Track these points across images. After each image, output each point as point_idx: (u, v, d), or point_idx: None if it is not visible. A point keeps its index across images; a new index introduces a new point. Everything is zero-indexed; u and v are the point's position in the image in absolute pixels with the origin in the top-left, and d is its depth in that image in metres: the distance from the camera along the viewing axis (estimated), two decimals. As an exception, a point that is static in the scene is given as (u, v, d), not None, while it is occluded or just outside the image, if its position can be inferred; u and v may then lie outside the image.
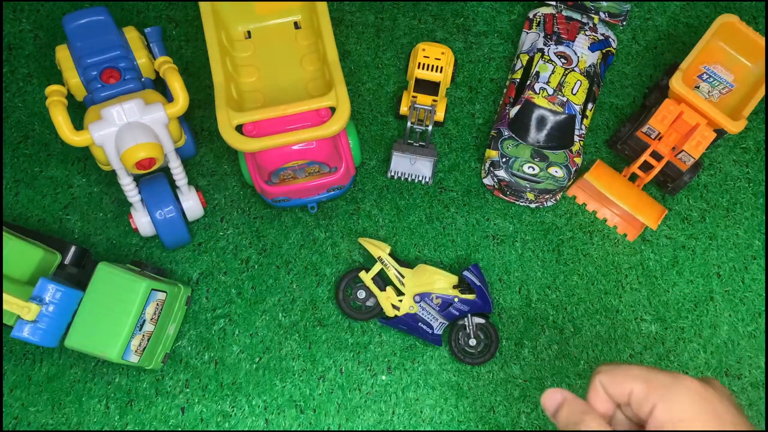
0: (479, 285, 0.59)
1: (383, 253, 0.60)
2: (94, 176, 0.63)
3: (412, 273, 0.60)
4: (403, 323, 0.60)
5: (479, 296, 0.59)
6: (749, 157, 0.67)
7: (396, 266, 0.60)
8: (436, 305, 0.59)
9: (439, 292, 0.59)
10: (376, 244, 0.60)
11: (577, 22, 0.65)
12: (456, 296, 0.59)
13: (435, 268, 0.60)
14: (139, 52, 0.60)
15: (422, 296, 0.59)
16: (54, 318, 0.52)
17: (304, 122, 0.54)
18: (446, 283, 0.60)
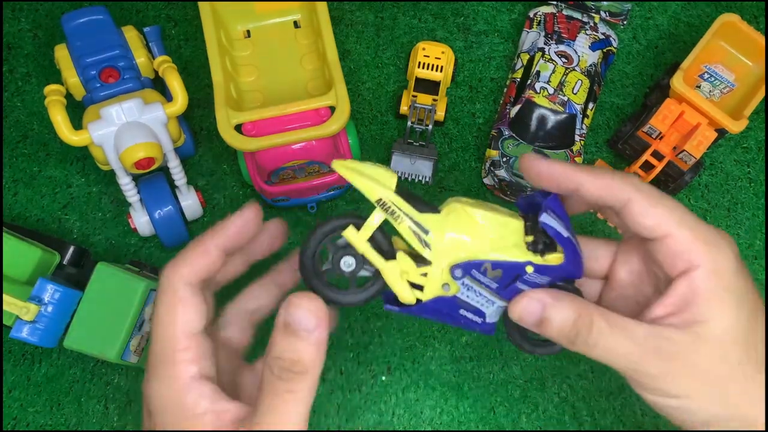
0: (567, 236, 0.36)
1: (387, 192, 0.36)
2: (93, 176, 0.63)
3: (441, 221, 0.36)
4: (431, 311, 0.38)
5: (569, 255, 0.36)
6: (750, 156, 0.66)
7: (412, 213, 0.36)
8: (492, 280, 0.36)
9: (499, 258, 0.36)
10: (369, 173, 0.36)
11: (577, 21, 0.65)
12: (529, 261, 0.36)
13: (483, 208, 0.37)
14: (138, 51, 0.60)
15: (465, 267, 0.36)
16: (53, 318, 0.52)
17: (304, 122, 0.54)
18: (508, 237, 0.36)
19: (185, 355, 0.35)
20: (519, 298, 0.36)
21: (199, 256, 0.36)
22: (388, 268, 0.37)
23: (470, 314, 0.38)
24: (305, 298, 0.34)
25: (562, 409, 0.59)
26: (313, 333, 0.34)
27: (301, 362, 0.34)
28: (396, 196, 0.36)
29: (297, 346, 0.33)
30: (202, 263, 0.36)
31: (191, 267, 0.36)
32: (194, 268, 0.36)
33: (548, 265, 0.36)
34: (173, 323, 0.35)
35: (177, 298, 0.35)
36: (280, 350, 0.34)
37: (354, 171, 0.36)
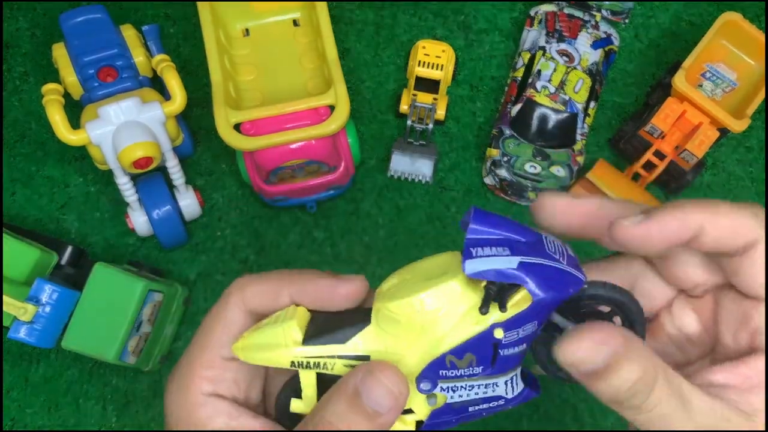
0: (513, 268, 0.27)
1: (293, 350, 0.30)
2: (91, 176, 0.63)
3: (377, 334, 0.30)
4: (442, 425, 0.31)
5: (536, 283, 0.27)
6: (752, 156, 0.66)
7: (336, 350, 0.30)
8: (471, 368, 0.29)
9: (456, 341, 0.28)
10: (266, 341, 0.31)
11: (579, 19, 0.64)
12: (493, 325, 0.28)
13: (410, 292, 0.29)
14: (137, 50, 0.60)
15: (427, 376, 0.29)
16: (50, 319, 0.52)
17: (303, 121, 0.53)
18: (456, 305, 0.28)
19: (204, 372, 0.32)
20: (574, 339, 0.26)
21: (267, 292, 0.33)
22: None
23: (485, 405, 0.30)
24: (391, 373, 0.28)
25: (563, 411, 0.59)
26: (383, 416, 0.28)
27: None
28: (306, 348, 0.30)
29: (357, 422, 0.28)
30: (266, 300, 0.33)
31: (254, 297, 0.33)
32: (257, 299, 0.33)
33: (519, 314, 0.28)
34: (208, 338, 0.33)
35: (221, 316, 0.33)
36: (336, 417, 0.28)
37: (250, 350, 0.31)
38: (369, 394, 0.28)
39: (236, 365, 0.33)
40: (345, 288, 0.32)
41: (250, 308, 0.33)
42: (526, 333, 0.28)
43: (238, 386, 0.33)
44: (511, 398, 0.30)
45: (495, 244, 0.28)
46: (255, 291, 0.33)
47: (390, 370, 0.28)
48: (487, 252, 0.28)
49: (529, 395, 0.31)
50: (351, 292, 0.32)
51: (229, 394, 0.33)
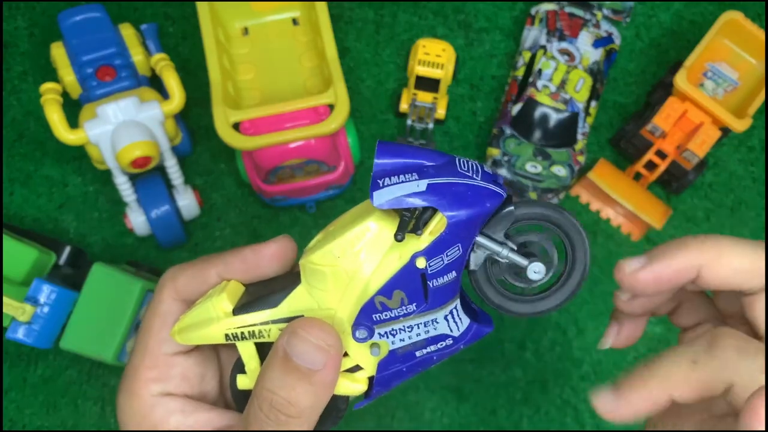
0: (426, 187, 0.26)
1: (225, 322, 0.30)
2: (89, 175, 0.63)
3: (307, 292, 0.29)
4: (392, 377, 0.30)
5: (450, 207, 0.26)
6: (754, 156, 0.66)
7: (268, 316, 0.30)
8: (403, 307, 0.28)
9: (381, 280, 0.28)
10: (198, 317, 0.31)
11: (579, 18, 0.64)
12: (414, 255, 0.27)
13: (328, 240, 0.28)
14: (135, 49, 0.60)
15: (360, 322, 0.28)
16: (49, 319, 0.52)
17: (302, 120, 0.53)
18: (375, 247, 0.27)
19: (149, 374, 0.32)
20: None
21: (196, 277, 0.33)
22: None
23: (433, 347, 0.29)
24: (315, 327, 0.27)
25: (564, 412, 0.59)
26: (319, 373, 0.28)
27: (295, 405, 0.28)
28: (237, 318, 0.29)
29: (295, 384, 0.28)
30: (196, 285, 0.33)
31: (184, 284, 0.33)
32: (187, 286, 0.33)
33: (438, 239, 0.26)
34: (147, 337, 0.33)
35: (159, 311, 0.33)
36: (273, 384, 0.28)
37: (186, 331, 0.31)
38: (297, 353, 0.27)
39: (181, 359, 0.33)
40: (269, 249, 0.32)
41: (183, 297, 0.33)
42: (452, 258, 0.27)
43: (189, 381, 0.33)
44: (458, 336, 0.29)
45: (402, 171, 0.27)
46: (184, 278, 0.33)
47: (313, 324, 0.28)
48: (394, 180, 0.26)
49: (480, 331, 0.30)
50: (276, 252, 0.32)
51: (179, 391, 0.33)
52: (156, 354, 0.32)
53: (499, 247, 0.28)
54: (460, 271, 0.28)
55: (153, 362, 0.32)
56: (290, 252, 0.32)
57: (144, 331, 0.33)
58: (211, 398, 0.35)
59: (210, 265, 0.33)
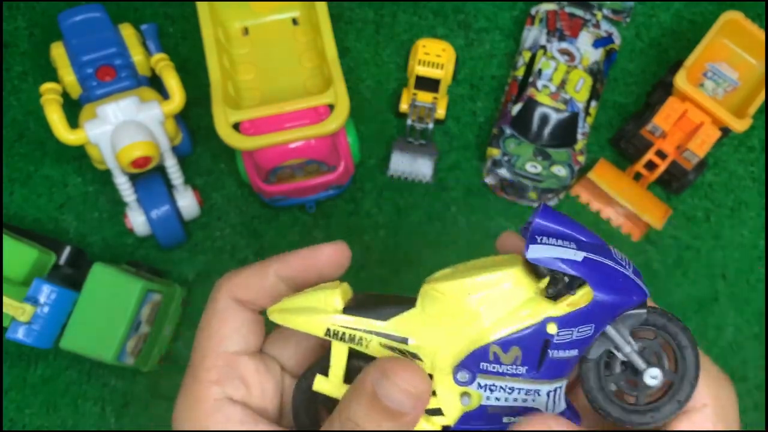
0: (581, 257, 0.27)
1: (332, 318, 0.29)
2: (89, 175, 0.63)
3: (419, 317, 0.28)
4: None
5: (597, 281, 0.27)
6: (754, 156, 0.66)
7: (374, 327, 0.29)
8: (514, 365, 0.27)
9: (504, 332, 0.27)
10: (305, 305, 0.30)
11: (579, 18, 0.64)
12: (547, 318, 0.27)
13: (462, 275, 0.28)
14: (135, 49, 0.60)
15: (468, 364, 0.27)
16: (49, 319, 0.52)
17: (303, 120, 0.53)
18: (512, 297, 0.27)
19: (209, 375, 0.31)
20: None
21: (254, 276, 0.33)
22: None
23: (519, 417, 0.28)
24: (407, 371, 0.27)
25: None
26: (407, 415, 0.27)
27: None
28: (345, 316, 0.29)
29: (381, 422, 0.27)
30: (255, 284, 0.32)
31: (241, 283, 0.32)
32: (244, 284, 0.32)
33: (577, 311, 0.26)
34: (206, 337, 0.32)
35: (217, 311, 0.32)
36: (359, 416, 0.27)
37: (287, 313, 0.30)
38: (385, 394, 0.27)
39: (244, 360, 0.32)
40: (326, 250, 0.33)
41: (240, 297, 0.33)
42: (581, 336, 0.27)
43: (249, 388, 0.32)
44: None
45: (561, 237, 0.27)
46: (240, 278, 0.33)
47: (406, 370, 0.27)
48: (552, 242, 0.27)
49: (571, 419, 0.28)
50: (332, 253, 0.33)
51: (239, 396, 0.31)
52: (216, 352, 0.31)
53: (624, 344, 0.28)
54: (581, 353, 0.27)
55: (213, 362, 0.31)
56: (346, 256, 0.34)
57: (202, 330, 0.33)
58: (271, 416, 0.33)
59: (267, 264, 0.33)
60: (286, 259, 0.33)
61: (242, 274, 0.33)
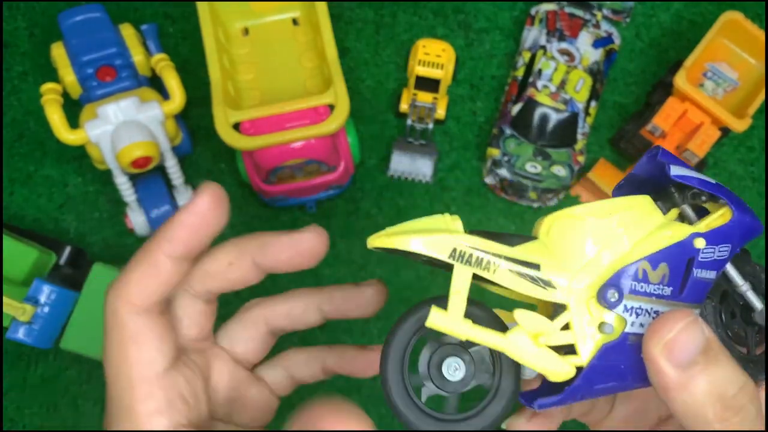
0: (714, 181, 0.27)
1: (459, 237, 0.26)
2: (89, 175, 0.63)
3: (545, 246, 0.26)
4: (606, 376, 0.26)
5: (738, 206, 0.27)
6: (754, 156, 0.66)
7: (505, 251, 0.26)
8: (661, 285, 0.26)
9: (654, 248, 0.26)
10: (422, 227, 0.27)
11: (579, 18, 0.64)
12: (695, 233, 0.26)
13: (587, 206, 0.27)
14: (135, 49, 0.60)
15: (617, 282, 0.25)
16: (49, 319, 0.52)
17: (303, 120, 0.53)
18: (644, 222, 0.27)
19: (148, 406, 0.27)
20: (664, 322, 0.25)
21: (147, 274, 0.28)
22: (513, 342, 0.25)
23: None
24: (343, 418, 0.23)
25: (564, 411, 0.59)
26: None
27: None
28: (473, 237, 0.26)
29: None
30: (152, 282, 0.28)
31: (139, 289, 0.28)
32: (143, 290, 0.28)
33: (719, 228, 0.26)
34: (127, 366, 0.27)
35: (127, 335, 0.27)
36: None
37: (397, 236, 0.26)
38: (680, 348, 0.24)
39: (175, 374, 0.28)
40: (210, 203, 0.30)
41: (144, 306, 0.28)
42: (721, 257, 0.26)
43: (186, 402, 0.28)
44: None
45: (686, 166, 0.27)
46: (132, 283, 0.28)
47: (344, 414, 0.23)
48: (683, 167, 0.27)
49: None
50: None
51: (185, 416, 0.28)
52: (146, 379, 0.27)
53: (741, 281, 0.28)
54: (718, 275, 0.27)
55: (147, 390, 0.27)
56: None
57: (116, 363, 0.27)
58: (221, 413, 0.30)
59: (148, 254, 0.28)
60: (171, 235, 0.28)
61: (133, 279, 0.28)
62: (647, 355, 0.24)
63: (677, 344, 0.24)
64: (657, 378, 0.24)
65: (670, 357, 0.24)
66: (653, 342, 0.24)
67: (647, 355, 0.24)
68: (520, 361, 0.25)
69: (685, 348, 0.24)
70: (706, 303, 0.27)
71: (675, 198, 0.28)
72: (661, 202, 0.28)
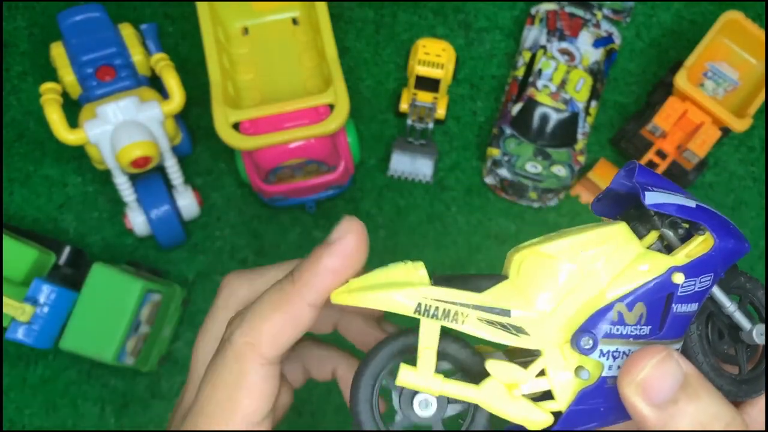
0: (695, 204, 0.26)
1: (423, 290, 0.25)
2: (89, 175, 0.62)
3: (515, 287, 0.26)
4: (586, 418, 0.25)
5: (716, 227, 0.25)
6: (755, 156, 0.66)
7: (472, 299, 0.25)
8: (638, 326, 0.25)
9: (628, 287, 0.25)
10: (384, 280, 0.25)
11: (580, 18, 0.64)
12: (672, 268, 0.25)
13: (560, 237, 0.26)
14: (135, 49, 0.60)
15: (590, 327, 0.24)
16: (48, 319, 0.52)
17: (302, 120, 0.53)
18: (619, 255, 0.25)
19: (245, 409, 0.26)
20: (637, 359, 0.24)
21: (286, 325, 0.26)
22: (488, 395, 0.25)
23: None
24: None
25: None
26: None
27: None
28: (437, 288, 0.24)
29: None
30: (290, 335, 0.26)
31: (272, 343, 0.26)
32: (277, 344, 0.26)
33: (699, 259, 0.25)
34: (230, 408, 0.26)
35: (244, 383, 0.26)
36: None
37: (360, 292, 0.25)
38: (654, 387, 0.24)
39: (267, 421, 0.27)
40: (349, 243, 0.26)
41: (273, 357, 0.27)
42: (701, 288, 0.25)
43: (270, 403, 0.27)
44: None
45: (666, 188, 0.25)
46: (265, 330, 0.26)
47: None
48: (660, 192, 0.25)
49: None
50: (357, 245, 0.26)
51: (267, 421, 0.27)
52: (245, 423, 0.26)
53: (728, 302, 0.26)
54: (700, 306, 0.25)
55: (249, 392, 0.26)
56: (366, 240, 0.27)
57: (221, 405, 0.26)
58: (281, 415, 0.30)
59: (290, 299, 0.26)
60: (311, 282, 0.26)
61: (268, 325, 0.26)
62: (623, 397, 0.24)
63: (651, 382, 0.23)
64: (636, 417, 0.24)
65: (646, 397, 0.23)
66: (625, 382, 0.23)
67: (623, 396, 0.24)
68: (495, 413, 0.25)
69: (661, 386, 0.23)
70: (690, 331, 0.26)
71: (654, 221, 0.26)
72: (641, 223, 0.26)
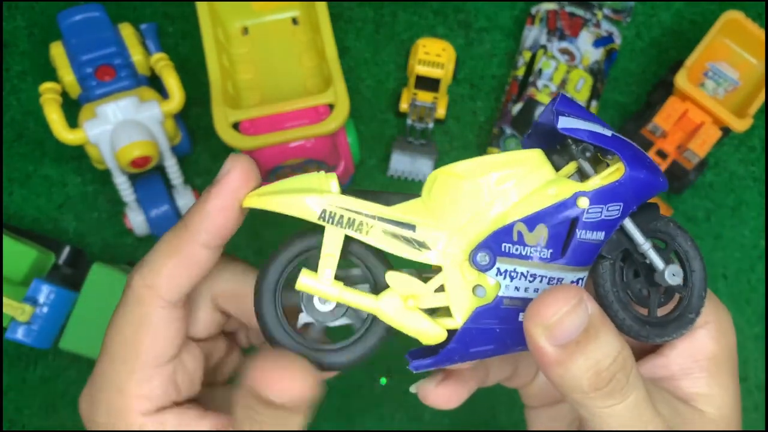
0: (610, 133, 0.26)
1: (329, 198, 0.26)
2: (88, 175, 0.62)
3: (425, 204, 0.26)
4: (481, 339, 0.25)
5: (629, 156, 0.25)
6: (755, 156, 0.66)
7: (379, 211, 0.25)
8: (538, 247, 0.25)
9: (532, 209, 0.25)
10: (293, 187, 0.26)
11: (580, 18, 0.64)
12: (578, 192, 0.25)
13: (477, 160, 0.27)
14: (135, 48, 0.60)
15: (489, 244, 0.25)
16: (48, 319, 0.52)
17: (302, 120, 0.53)
18: (530, 178, 0.25)
19: (141, 389, 0.27)
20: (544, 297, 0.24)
21: (181, 266, 0.27)
22: (386, 306, 0.25)
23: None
24: (284, 378, 0.24)
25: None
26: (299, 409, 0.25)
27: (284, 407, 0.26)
28: (345, 197, 0.25)
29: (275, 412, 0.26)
30: (186, 276, 0.27)
31: (170, 284, 0.27)
32: (175, 285, 0.27)
33: (608, 186, 0.25)
34: (134, 351, 0.27)
35: (146, 324, 0.27)
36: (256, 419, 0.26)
37: (269, 195, 0.26)
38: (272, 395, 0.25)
39: (173, 365, 0.28)
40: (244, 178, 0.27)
41: (173, 298, 0.27)
42: (609, 217, 0.25)
43: (177, 387, 0.29)
44: None
45: (584, 117, 0.26)
46: (164, 272, 0.27)
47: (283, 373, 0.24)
48: (575, 119, 0.25)
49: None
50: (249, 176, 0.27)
51: (169, 401, 0.28)
52: (150, 367, 0.27)
53: (642, 240, 0.26)
54: (608, 236, 0.25)
55: (144, 378, 0.27)
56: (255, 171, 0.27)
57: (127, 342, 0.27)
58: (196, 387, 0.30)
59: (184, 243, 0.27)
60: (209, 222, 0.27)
61: (165, 267, 0.27)
62: (527, 332, 0.24)
63: (559, 326, 0.23)
64: (535, 353, 0.24)
65: (550, 338, 0.24)
66: (533, 322, 0.24)
67: (527, 331, 0.24)
68: (390, 323, 0.25)
69: (567, 329, 0.23)
70: (603, 261, 0.26)
71: (572, 150, 0.26)
72: (560, 154, 0.27)
